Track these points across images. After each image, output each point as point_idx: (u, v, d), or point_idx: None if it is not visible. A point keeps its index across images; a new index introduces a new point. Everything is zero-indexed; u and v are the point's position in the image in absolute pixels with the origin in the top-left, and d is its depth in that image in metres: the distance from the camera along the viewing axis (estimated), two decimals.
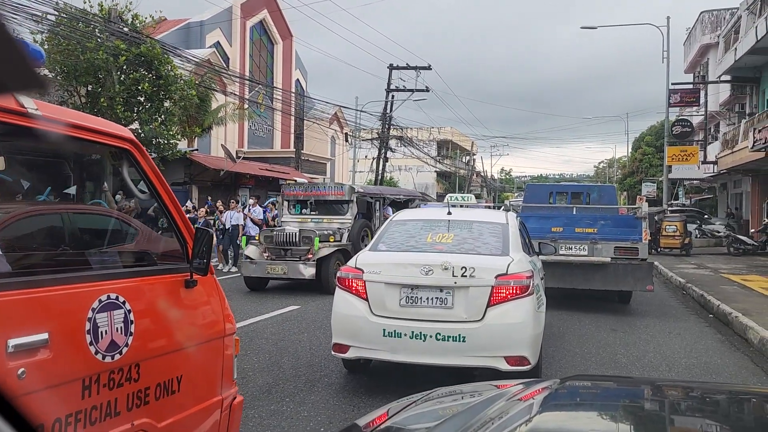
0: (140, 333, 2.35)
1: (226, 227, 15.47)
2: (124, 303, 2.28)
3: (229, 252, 15.70)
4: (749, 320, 8.33)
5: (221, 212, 16.12)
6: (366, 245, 11.00)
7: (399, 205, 15.57)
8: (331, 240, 12.02)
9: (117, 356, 2.25)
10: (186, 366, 2.62)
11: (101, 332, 2.17)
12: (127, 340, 2.29)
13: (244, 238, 14.17)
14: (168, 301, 2.51)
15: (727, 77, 26.42)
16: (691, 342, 7.90)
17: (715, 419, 1.96)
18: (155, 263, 2.66)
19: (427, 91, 30.67)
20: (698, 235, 24.60)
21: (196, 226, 2.80)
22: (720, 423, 1.91)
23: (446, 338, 5.03)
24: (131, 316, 2.31)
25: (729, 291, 11.51)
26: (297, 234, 11.73)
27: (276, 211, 17.03)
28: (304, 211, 13.43)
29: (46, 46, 15.76)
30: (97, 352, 2.16)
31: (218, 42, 32.14)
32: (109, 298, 2.22)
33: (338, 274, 5.60)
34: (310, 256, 11.46)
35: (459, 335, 5.02)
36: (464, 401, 2.11)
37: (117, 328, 2.24)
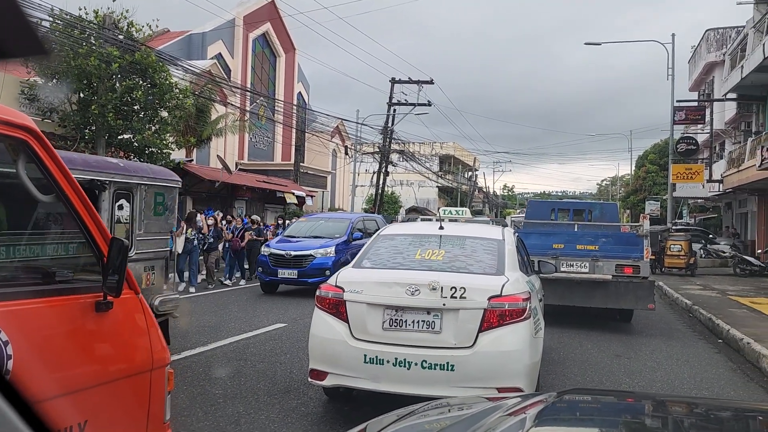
0: (21, 372, 1.85)
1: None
2: None
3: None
4: (763, 347, 7.78)
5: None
6: None
7: None
8: None
9: None
10: (93, 409, 2.11)
11: None
12: None
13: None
14: (68, 329, 2.02)
15: (733, 95, 25.95)
16: (701, 371, 7.36)
17: None
18: (52, 281, 2.15)
19: (429, 105, 30.28)
20: (703, 255, 24.05)
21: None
22: None
23: (433, 366, 4.53)
24: (8, 350, 1.82)
25: (738, 314, 10.96)
26: None
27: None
28: None
29: None
30: None
31: (220, 53, 31.88)
32: None
33: (317, 293, 5.11)
34: None
35: (447, 363, 4.52)
36: (451, 415, 1.88)
37: None
